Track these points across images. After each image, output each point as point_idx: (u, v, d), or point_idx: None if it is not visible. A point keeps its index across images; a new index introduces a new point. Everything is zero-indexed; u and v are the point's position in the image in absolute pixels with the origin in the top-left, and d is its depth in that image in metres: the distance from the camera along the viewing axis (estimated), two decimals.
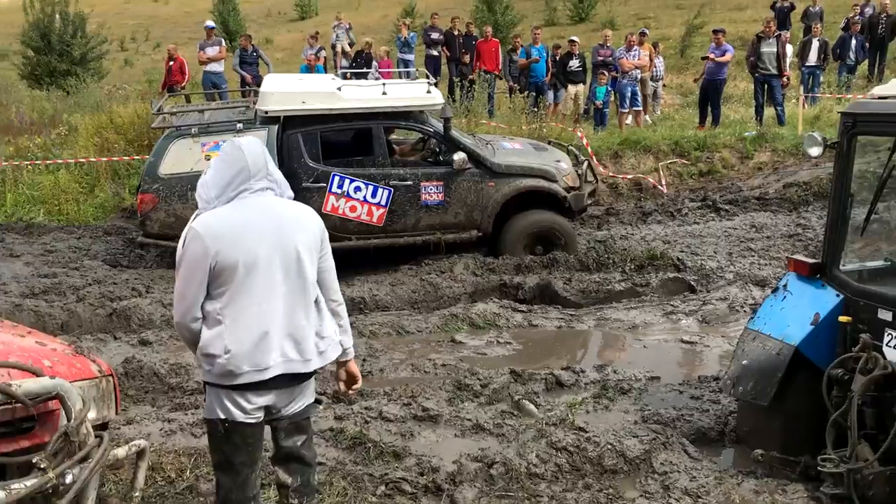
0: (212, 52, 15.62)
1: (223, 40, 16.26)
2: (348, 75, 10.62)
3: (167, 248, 8.60)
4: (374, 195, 8.70)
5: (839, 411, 4.29)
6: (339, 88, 8.81)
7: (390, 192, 8.73)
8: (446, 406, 5.57)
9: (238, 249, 3.18)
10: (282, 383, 3.32)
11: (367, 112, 8.75)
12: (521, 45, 15.95)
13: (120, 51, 33.41)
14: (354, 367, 3.69)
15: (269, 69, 15.93)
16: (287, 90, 8.88)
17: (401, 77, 13.66)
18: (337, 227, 8.58)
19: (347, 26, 17.60)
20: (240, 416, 3.29)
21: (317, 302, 3.41)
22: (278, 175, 3.41)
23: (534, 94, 15.37)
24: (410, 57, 17.51)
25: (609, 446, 4.78)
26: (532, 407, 5.55)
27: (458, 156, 8.71)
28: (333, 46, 17.06)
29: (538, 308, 7.88)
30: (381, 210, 8.75)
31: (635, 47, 15.06)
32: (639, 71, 14.98)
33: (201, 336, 3.24)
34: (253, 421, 3.33)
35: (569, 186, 9.14)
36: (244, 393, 3.27)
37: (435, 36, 16.97)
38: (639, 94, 15.11)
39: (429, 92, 8.98)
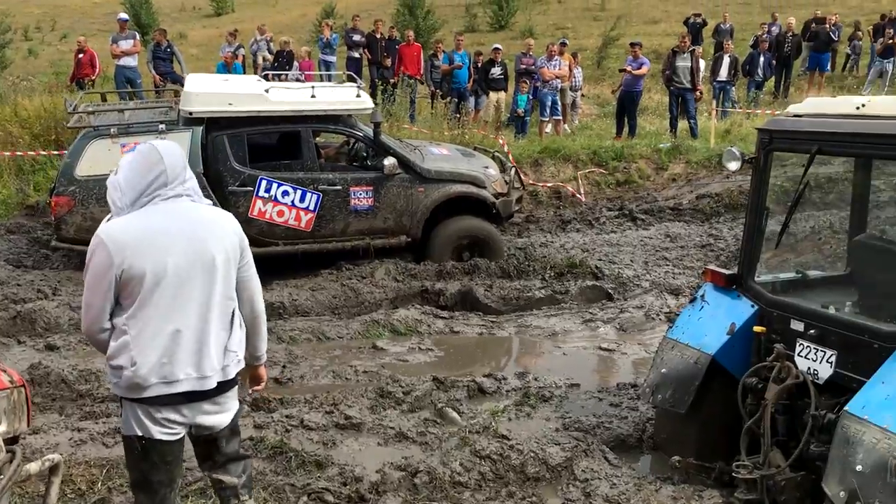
0: (125, 45, 15.07)
1: (137, 34, 15.68)
2: (270, 76, 10.40)
3: (82, 253, 8.22)
4: (302, 200, 8.55)
5: (753, 419, 4.43)
6: (266, 91, 8.62)
7: (319, 196, 8.60)
8: (369, 414, 5.50)
9: (146, 259, 3.04)
10: (193, 398, 3.20)
11: (296, 115, 8.59)
12: (444, 51, 15.99)
13: (24, 40, 31.98)
14: (263, 372, 3.65)
15: (182, 67, 15.51)
16: (213, 91, 8.65)
17: (323, 79, 13.49)
18: (264, 233, 8.44)
19: (269, 38, 17.20)
20: (157, 433, 3.16)
21: (233, 313, 3.30)
22: (194, 183, 3.27)
23: (455, 100, 15.43)
24: (332, 59, 17.33)
25: (532, 454, 4.80)
26: (455, 415, 5.53)
27: (389, 161, 8.66)
28: (254, 55, 16.68)
29: (459, 315, 7.88)
30: (310, 215, 8.61)
31: (556, 57, 15.30)
32: (559, 80, 15.22)
33: (109, 348, 3.11)
34: (172, 438, 3.21)
35: (497, 193, 9.20)
36: (159, 408, 3.14)
37: (356, 38, 16.84)
38: (559, 103, 15.35)
39: (358, 96, 8.90)
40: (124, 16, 16.36)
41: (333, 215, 8.70)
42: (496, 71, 15.44)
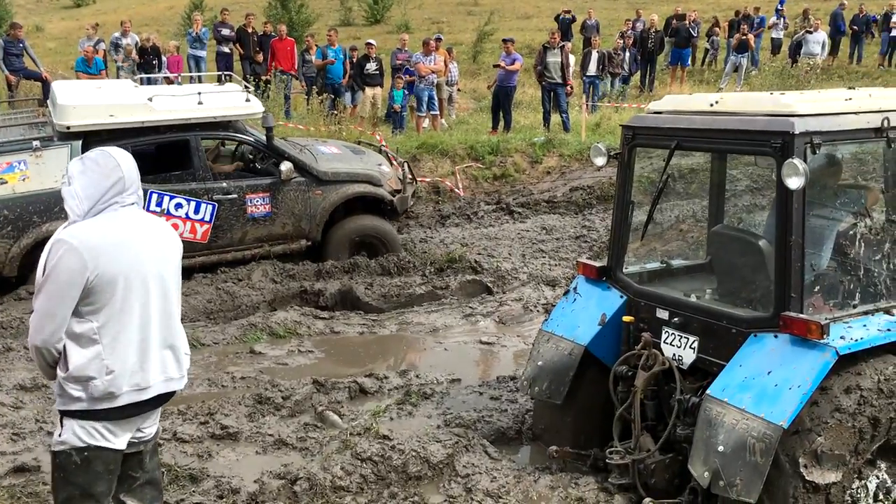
0: None
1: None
2: (141, 80, 9.89)
3: None
4: (196, 211, 8.25)
5: (624, 406, 4.59)
6: (150, 99, 8.20)
7: (214, 206, 8.32)
8: (246, 422, 5.36)
9: (118, 264, 3.03)
10: (157, 403, 3.26)
11: (184, 123, 8.24)
12: (317, 46, 15.76)
13: None
14: None
15: (36, 63, 14.65)
16: (91, 102, 8.13)
17: (194, 80, 12.99)
18: None
19: (135, 38, 16.33)
20: (105, 441, 3.13)
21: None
22: (141, 187, 3.28)
23: (331, 95, 15.24)
24: (202, 53, 16.77)
25: (413, 453, 4.81)
26: (336, 417, 5.48)
27: (285, 166, 8.48)
28: (115, 47, 15.85)
29: (340, 314, 7.81)
30: (206, 226, 8.33)
31: (433, 53, 15.36)
32: (435, 76, 15.29)
33: (71, 359, 3.02)
34: (119, 446, 3.19)
35: (393, 190, 9.15)
36: (115, 421, 3.14)
37: (226, 32, 16.37)
38: (435, 98, 15.43)
39: (248, 100, 8.66)
40: None
41: (231, 225, 8.46)
42: (371, 66, 15.36)
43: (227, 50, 16.47)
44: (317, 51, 15.59)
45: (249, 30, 16.21)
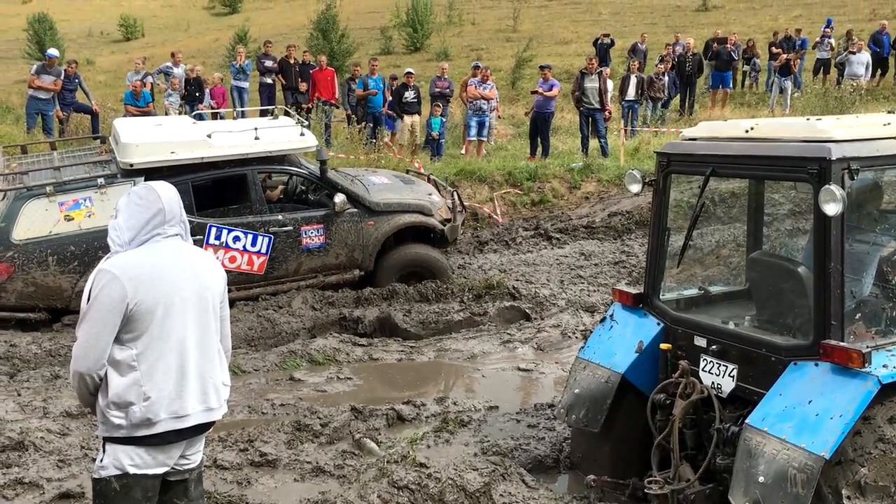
0: (47, 80, 14.57)
1: (63, 71, 15.11)
2: (199, 117, 10.12)
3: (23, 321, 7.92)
4: (254, 244, 8.44)
5: (662, 434, 4.54)
6: (209, 135, 8.41)
7: (271, 239, 8.50)
8: (285, 449, 5.41)
9: (158, 293, 3.13)
10: (197, 431, 3.31)
11: (241, 158, 8.45)
12: (360, 75, 16.00)
13: None
14: None
15: (88, 99, 15.13)
16: (153, 140, 8.37)
17: (237, 115, 13.26)
18: None
19: (179, 64, 16.75)
20: (144, 468, 3.19)
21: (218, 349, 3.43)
22: (186, 219, 3.37)
23: (371, 124, 15.45)
24: (245, 84, 17.14)
25: (450, 481, 4.80)
26: (373, 445, 5.50)
27: (339, 198, 8.63)
28: (166, 75, 16.29)
29: (378, 341, 7.86)
30: (262, 258, 8.51)
31: (489, 82, 15.56)
32: (486, 102, 15.38)
33: (111, 385, 3.11)
34: (160, 472, 3.25)
35: (443, 219, 9.25)
36: (163, 446, 3.20)
37: (269, 64, 16.71)
38: (486, 124, 15.55)
39: (302, 134, 8.82)
40: (55, 52, 15.78)
41: (286, 256, 8.62)
42: (409, 94, 15.54)
43: (269, 81, 16.79)
44: (358, 81, 15.83)
45: (291, 61, 16.53)
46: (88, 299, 3.11)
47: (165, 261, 3.20)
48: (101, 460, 3.22)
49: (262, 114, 10.34)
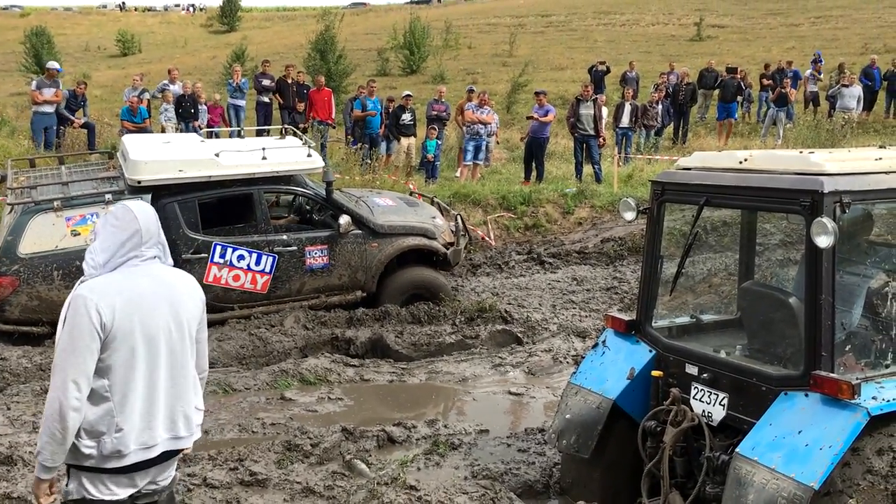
0: (48, 93, 14.70)
1: (60, 82, 15.26)
2: (209, 135, 10.19)
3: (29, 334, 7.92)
4: (258, 263, 8.45)
5: (653, 462, 4.56)
6: (217, 154, 8.44)
7: (275, 258, 8.51)
8: (275, 469, 5.40)
9: (133, 320, 3.03)
10: (163, 458, 3.22)
11: (249, 178, 8.48)
12: (359, 96, 16.11)
13: None
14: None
15: (84, 114, 15.24)
16: (162, 158, 8.39)
17: (231, 125, 13.34)
18: (219, 298, 8.30)
19: (176, 81, 16.83)
20: (109, 495, 3.11)
21: (197, 374, 3.35)
22: (164, 240, 3.29)
23: (367, 145, 15.53)
24: (242, 103, 17.23)
25: None
26: (363, 466, 5.49)
27: (344, 219, 8.66)
28: (162, 91, 16.37)
29: (370, 362, 7.85)
30: (266, 277, 8.51)
31: (486, 107, 15.71)
32: (483, 126, 15.50)
33: (85, 415, 2.99)
34: (125, 496, 3.17)
35: (447, 243, 9.29)
36: (117, 476, 3.11)
37: (266, 83, 16.83)
38: (482, 148, 15.65)
39: (309, 155, 8.87)
40: (56, 65, 15.90)
41: (289, 276, 8.63)
42: (407, 117, 15.64)
43: (266, 100, 16.90)
44: (356, 102, 15.93)
45: (289, 80, 16.63)
46: (63, 325, 3.00)
47: (142, 287, 3.09)
48: (67, 485, 3.15)
49: (259, 133, 10.35)
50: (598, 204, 13.46)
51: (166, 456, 3.22)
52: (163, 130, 14.78)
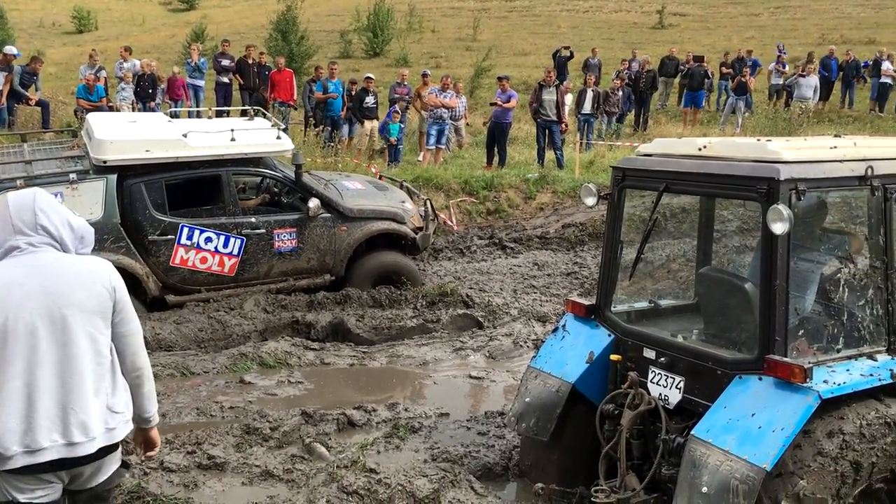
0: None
1: (11, 67, 14.77)
2: (173, 115, 10.02)
3: None
4: (226, 245, 8.35)
5: (610, 444, 4.62)
6: (185, 135, 8.29)
7: (243, 241, 8.42)
8: (234, 452, 5.37)
9: (2, 311, 2.86)
10: (65, 466, 2.98)
11: (217, 159, 8.35)
12: (318, 79, 15.95)
13: None
14: (156, 434, 3.42)
15: (36, 92, 14.85)
16: (128, 137, 8.23)
17: (190, 114, 13.10)
18: (185, 280, 8.26)
19: (136, 63, 16.48)
20: (32, 496, 2.94)
21: (113, 371, 3.10)
22: (64, 231, 3.07)
23: (329, 128, 15.40)
24: (201, 83, 16.97)
25: (399, 487, 4.82)
26: (323, 449, 5.48)
27: (313, 202, 8.59)
28: (119, 78, 16.02)
29: (331, 346, 7.83)
30: (234, 260, 8.43)
31: (449, 90, 15.65)
32: (446, 110, 15.44)
33: None
34: (46, 501, 2.99)
35: (416, 227, 9.26)
36: (26, 478, 2.92)
37: (225, 63, 16.59)
38: (446, 133, 15.61)
39: (279, 137, 8.76)
40: (14, 50, 15.29)
41: (257, 259, 8.55)
42: (370, 100, 15.54)
43: (226, 80, 16.65)
44: (317, 84, 15.78)
45: (250, 61, 16.40)
46: None
47: (12, 278, 2.91)
48: None
49: (219, 114, 10.19)
50: (559, 189, 13.54)
51: (63, 465, 2.96)
52: (117, 110, 14.45)
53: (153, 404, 3.31)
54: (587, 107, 17.18)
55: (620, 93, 18.20)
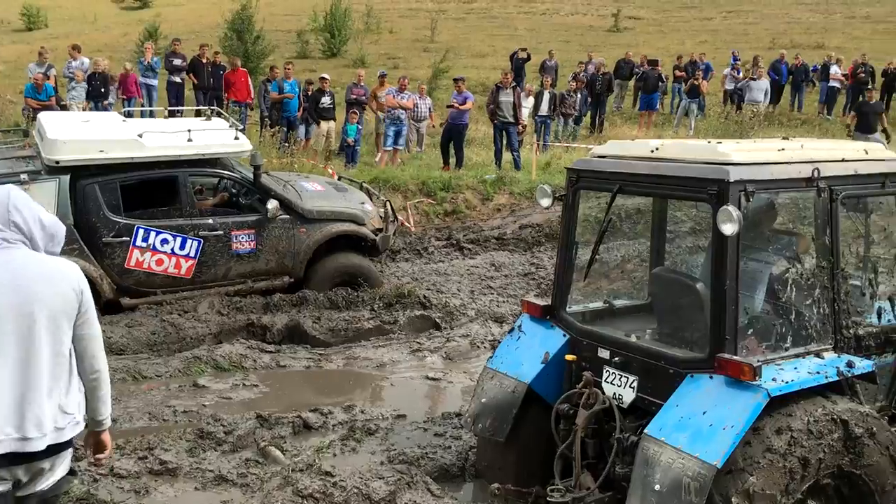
0: None
1: None
2: (127, 114, 9.84)
3: None
4: (182, 247, 8.20)
5: (565, 444, 4.65)
6: (140, 135, 8.12)
7: (200, 242, 8.27)
8: (186, 457, 5.29)
9: None
10: (16, 461, 2.97)
11: (173, 160, 8.20)
12: (274, 79, 15.81)
13: None
14: (107, 437, 3.40)
15: None
16: (82, 137, 8.04)
17: (143, 113, 12.89)
18: (141, 282, 8.10)
19: (86, 61, 16.13)
20: None
21: (70, 373, 3.10)
22: (35, 229, 3.07)
23: (285, 128, 15.28)
24: (154, 82, 16.71)
25: (355, 490, 4.79)
26: (278, 453, 5.43)
27: (272, 204, 8.49)
28: (70, 77, 15.68)
29: (287, 348, 7.77)
30: (191, 262, 8.28)
31: (406, 91, 15.60)
32: (403, 111, 15.43)
33: None
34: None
35: (375, 229, 9.20)
36: None
37: (177, 62, 16.37)
38: (403, 134, 15.58)
39: (237, 138, 8.64)
40: None
41: (215, 260, 8.41)
42: (326, 101, 15.45)
43: (178, 80, 16.43)
44: (273, 84, 15.64)
45: (204, 60, 16.20)
46: None
47: None
48: None
49: (171, 114, 10.03)
50: (516, 191, 13.61)
51: (20, 458, 2.97)
52: (67, 109, 14.15)
53: (108, 408, 3.32)
54: (544, 108, 17.29)
55: (577, 95, 18.35)
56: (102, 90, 15.20)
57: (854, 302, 4.65)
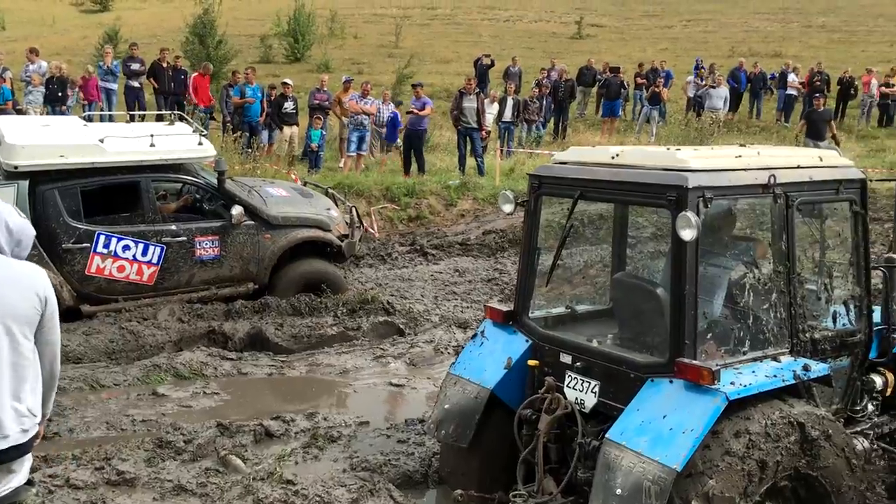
0: None
1: None
2: (88, 118, 9.67)
3: None
4: (144, 253, 8.06)
5: (528, 449, 4.66)
6: (101, 140, 7.97)
7: (163, 249, 8.13)
8: (145, 467, 5.20)
9: None
10: None
11: (135, 165, 8.06)
12: (235, 84, 15.69)
13: None
14: (41, 429, 3.41)
15: None
16: (41, 142, 7.87)
17: (102, 118, 12.71)
18: (102, 289, 7.95)
19: (44, 64, 15.88)
20: None
21: (34, 375, 3.14)
22: (0, 233, 3.08)
23: (247, 133, 15.15)
24: (114, 86, 16.50)
25: (317, 498, 4.76)
26: (239, 462, 5.37)
27: (236, 210, 8.38)
28: (27, 81, 15.40)
29: (248, 355, 7.69)
30: (153, 268, 8.13)
31: (370, 97, 15.57)
32: (367, 117, 15.41)
33: None
34: None
35: (341, 235, 9.12)
36: None
37: (135, 67, 16.18)
38: (366, 139, 15.55)
39: (200, 143, 8.52)
40: None
41: (178, 267, 8.28)
42: (289, 105, 15.36)
43: (136, 84, 16.24)
44: (234, 89, 15.51)
45: (164, 65, 16.02)
46: None
47: None
48: None
49: (132, 119, 9.91)
50: (480, 196, 13.65)
51: None
52: (24, 114, 13.88)
53: (51, 404, 3.46)
54: (508, 114, 17.38)
55: (541, 101, 18.47)
56: (60, 94, 14.95)
57: (810, 306, 4.72)
